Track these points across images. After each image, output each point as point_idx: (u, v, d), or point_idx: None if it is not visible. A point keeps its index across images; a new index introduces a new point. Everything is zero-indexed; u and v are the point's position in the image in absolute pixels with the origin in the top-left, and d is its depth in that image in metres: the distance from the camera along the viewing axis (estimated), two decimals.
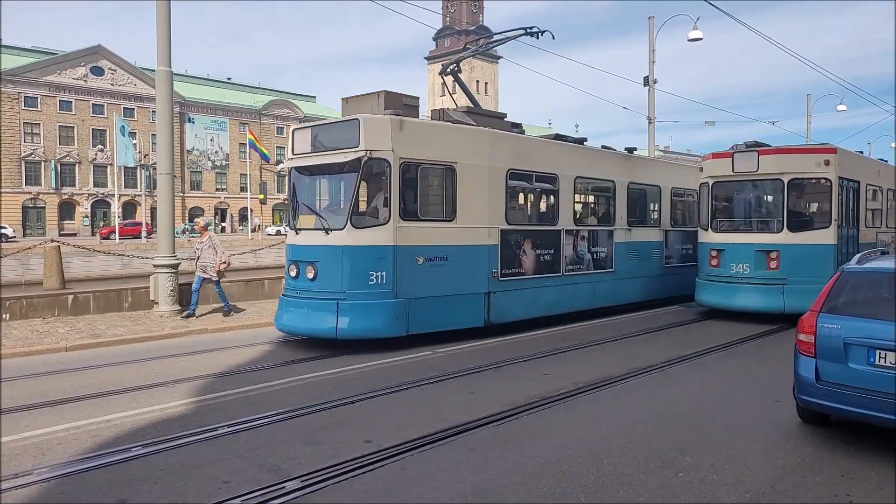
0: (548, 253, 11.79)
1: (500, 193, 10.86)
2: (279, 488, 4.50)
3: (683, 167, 17.36)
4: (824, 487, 4.64)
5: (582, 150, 13.19)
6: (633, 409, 6.57)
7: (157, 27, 11.42)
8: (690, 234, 15.50)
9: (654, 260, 14.69)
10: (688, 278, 14.97)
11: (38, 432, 5.69)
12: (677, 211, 15.84)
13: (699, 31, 22.23)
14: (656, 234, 14.88)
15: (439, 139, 10.07)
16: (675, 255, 15.43)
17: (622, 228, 13.63)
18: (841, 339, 5.36)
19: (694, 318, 13.33)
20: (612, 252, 13.33)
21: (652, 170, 15.34)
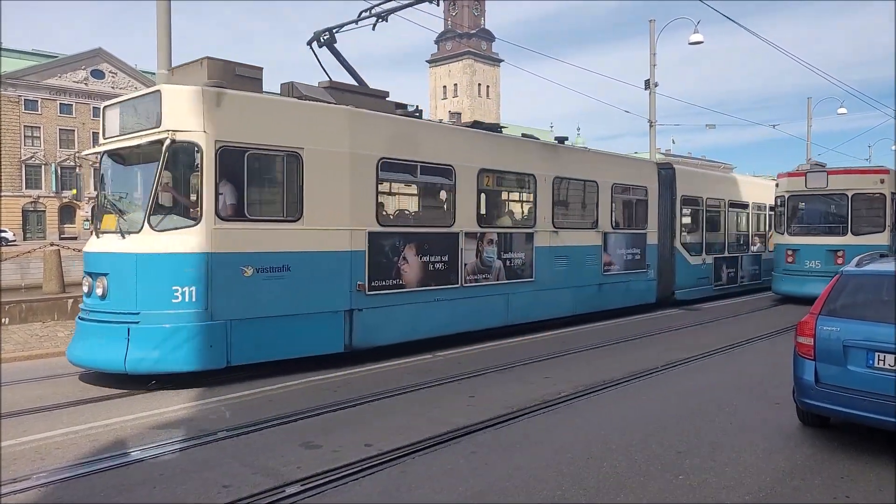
0: (441, 260, 9.82)
1: (369, 188, 8.90)
2: (279, 492, 4.50)
3: (628, 160, 16.04)
4: (824, 489, 4.63)
5: (490, 138, 11.18)
6: (634, 412, 6.57)
7: (158, 30, 11.45)
8: (638, 237, 14.23)
9: (589, 267, 12.78)
10: (635, 287, 14.05)
11: (37, 437, 5.69)
12: (620, 211, 14.22)
13: (700, 34, 22.23)
14: (593, 238, 12.92)
15: (277, 119, 8.09)
16: (618, 262, 13.65)
17: (545, 231, 11.73)
18: (840, 342, 5.36)
19: (690, 322, 13.31)
20: (533, 259, 11.48)
21: (587, 163, 13.24)
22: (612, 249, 13.41)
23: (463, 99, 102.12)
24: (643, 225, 14.36)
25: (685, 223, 16.54)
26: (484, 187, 10.79)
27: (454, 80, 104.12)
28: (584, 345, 10.38)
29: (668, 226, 15.29)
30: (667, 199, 15.22)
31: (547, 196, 11.85)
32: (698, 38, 22.29)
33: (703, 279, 16.48)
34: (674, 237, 15.42)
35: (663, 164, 16.05)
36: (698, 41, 22.36)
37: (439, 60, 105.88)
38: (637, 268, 14.13)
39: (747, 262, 18.59)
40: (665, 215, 15.13)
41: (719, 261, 17.15)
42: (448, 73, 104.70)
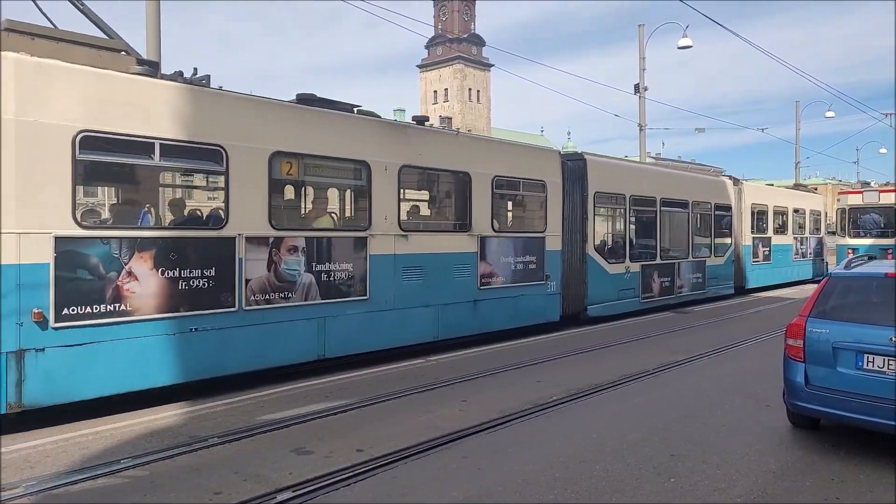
0: (203, 276, 7.18)
1: (57, 172, 6.26)
2: (270, 498, 4.48)
3: (517, 148, 12.39)
4: (815, 491, 4.66)
5: (291, 111, 8.31)
6: (625, 415, 6.59)
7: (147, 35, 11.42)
8: (533, 242, 11.63)
9: (459, 280, 10.21)
10: (529, 304, 11.49)
11: (26, 445, 5.63)
12: (506, 210, 12.02)
13: (689, 38, 22.41)
14: (464, 243, 10.36)
15: None
16: (503, 273, 11.00)
17: (388, 234, 9.15)
18: (829, 344, 5.40)
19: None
20: (367, 271, 8.85)
21: (455, 150, 10.47)
22: (494, 257, 10.79)
23: (454, 104, 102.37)
24: (540, 227, 11.82)
25: (601, 225, 14.65)
26: (283, 177, 8.27)
27: (445, 85, 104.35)
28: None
29: (578, 228, 12.81)
30: (575, 197, 12.77)
31: (390, 190, 9.20)
32: (687, 43, 22.48)
33: (626, 291, 14.00)
34: (585, 241, 12.86)
35: (571, 155, 13.59)
36: (687, 45, 22.55)
37: (430, 65, 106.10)
38: (531, 279, 11.50)
39: (687, 270, 16.23)
40: (573, 216, 12.71)
41: (649, 269, 14.72)
42: (439, 78, 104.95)
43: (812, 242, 23.73)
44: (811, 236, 23.64)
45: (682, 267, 15.99)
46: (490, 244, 10.77)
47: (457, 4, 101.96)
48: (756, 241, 19.68)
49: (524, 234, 11.71)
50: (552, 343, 10.98)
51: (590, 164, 13.17)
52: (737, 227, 18.64)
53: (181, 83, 7.34)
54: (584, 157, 13.27)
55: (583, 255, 12.87)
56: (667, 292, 15.40)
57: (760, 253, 19.96)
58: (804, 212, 23.12)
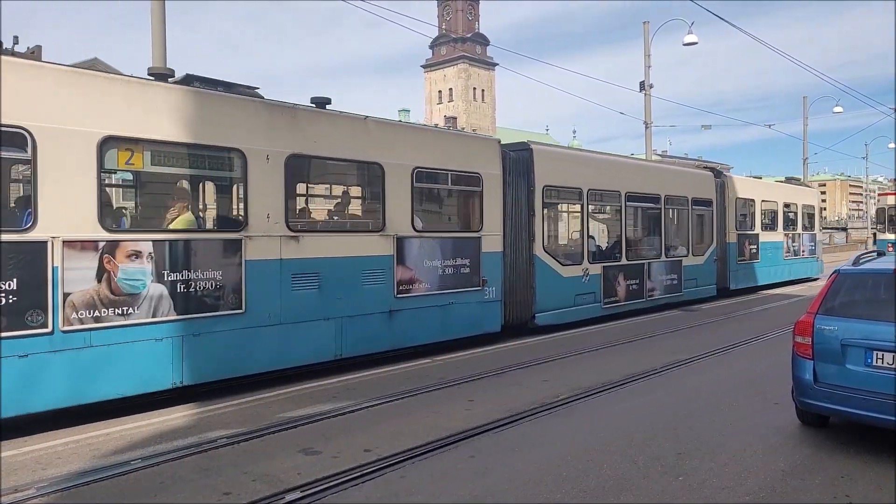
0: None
1: None
2: (279, 498, 4.50)
3: (444, 135, 11.05)
4: (824, 489, 4.65)
5: (127, 85, 6.90)
6: (632, 413, 6.58)
7: (153, 38, 11.47)
8: (467, 242, 10.26)
9: (369, 288, 8.84)
10: (462, 313, 10.09)
11: (38, 446, 5.69)
12: (432, 206, 10.59)
13: (694, 35, 22.34)
14: (376, 245, 8.97)
15: None
16: (428, 278, 9.61)
17: (271, 236, 7.78)
18: (838, 341, 5.38)
19: (683, 325, 13.32)
20: (243, 279, 7.47)
21: (361, 138, 8.89)
22: (416, 260, 9.42)
23: (459, 103, 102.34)
24: (475, 225, 10.46)
25: (554, 223, 13.41)
26: (121, 167, 7.03)
27: (449, 85, 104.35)
28: (570, 350, 10.38)
29: (524, 227, 11.36)
30: (520, 191, 11.34)
31: (273, 184, 7.84)
32: (692, 39, 22.41)
33: (585, 296, 12.57)
34: (532, 241, 11.46)
35: (515, 145, 11.93)
36: (692, 42, 22.48)
37: (434, 65, 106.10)
38: (464, 285, 10.10)
39: (659, 272, 14.75)
40: (517, 213, 11.25)
41: (613, 271, 13.31)
42: (443, 78, 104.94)
43: (805, 239, 22.29)
44: (804, 233, 22.18)
45: (653, 268, 14.54)
46: (410, 246, 9.36)
47: (461, 4, 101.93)
48: (742, 238, 18.15)
49: (455, 233, 10.38)
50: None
51: (537, 154, 11.72)
52: (719, 223, 17.25)
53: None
54: (529, 147, 11.78)
55: (529, 256, 11.44)
56: (635, 296, 13.97)
57: (747, 251, 18.46)
58: (796, 207, 21.67)
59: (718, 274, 17.16)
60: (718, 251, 17.13)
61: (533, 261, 11.48)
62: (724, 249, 17.48)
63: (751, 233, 18.68)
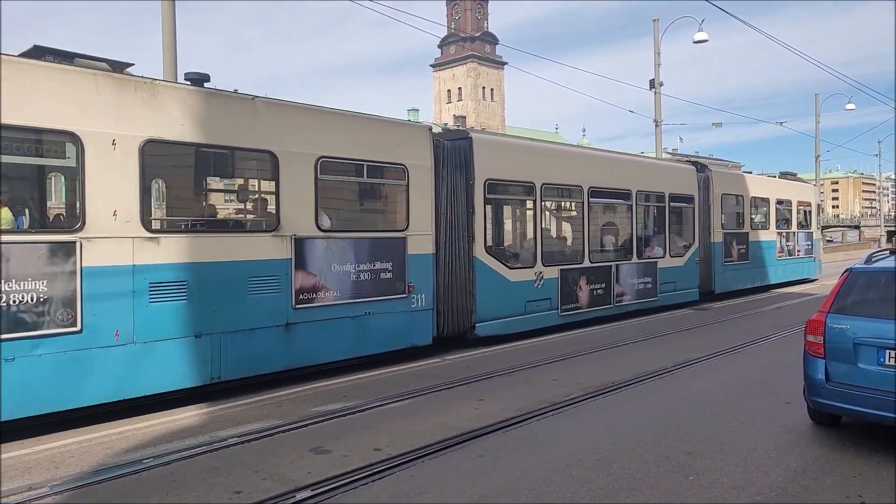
0: None
1: None
2: (290, 497, 4.53)
3: (357, 120, 9.00)
4: (836, 489, 4.61)
5: None
6: (642, 413, 6.56)
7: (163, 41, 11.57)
8: (388, 243, 9.02)
9: (259, 297, 7.57)
10: (381, 325, 8.85)
11: (50, 445, 5.75)
12: (345, 202, 9.50)
13: (704, 32, 22.22)
14: (268, 246, 7.69)
15: None
16: (337, 285, 8.34)
17: (122, 237, 6.56)
18: (850, 340, 5.34)
19: (706, 321, 13.25)
20: (77, 289, 6.22)
21: (246, 121, 7.62)
22: (322, 265, 8.16)
23: (468, 102, 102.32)
24: (400, 224, 9.28)
25: (500, 221, 12.34)
26: None
27: (458, 84, 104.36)
28: (589, 348, 10.36)
29: (462, 226, 10.09)
30: (457, 186, 10.08)
31: (122, 175, 6.58)
32: (703, 37, 22.29)
33: (538, 302, 11.34)
34: (472, 242, 10.21)
35: (452, 133, 10.93)
36: (703, 40, 22.36)
37: (443, 64, 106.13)
38: (386, 292, 8.88)
39: (630, 275, 13.46)
40: (454, 210, 10.00)
41: (573, 274, 12.04)
42: (452, 77, 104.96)
43: (801, 238, 20.85)
44: (800, 231, 20.72)
45: (622, 271, 13.24)
46: (313, 248, 8.08)
47: (469, 3, 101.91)
48: (729, 237, 16.84)
49: (374, 233, 9.12)
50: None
51: (477, 143, 10.39)
52: (702, 221, 15.96)
53: None
54: (468, 136, 10.48)
55: (469, 259, 10.19)
56: (600, 302, 12.69)
57: (734, 251, 17.08)
58: (790, 203, 20.24)
59: (702, 276, 15.86)
60: (701, 252, 15.86)
61: (473, 264, 10.24)
62: (708, 250, 16.21)
63: (739, 231, 17.46)
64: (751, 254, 17.71)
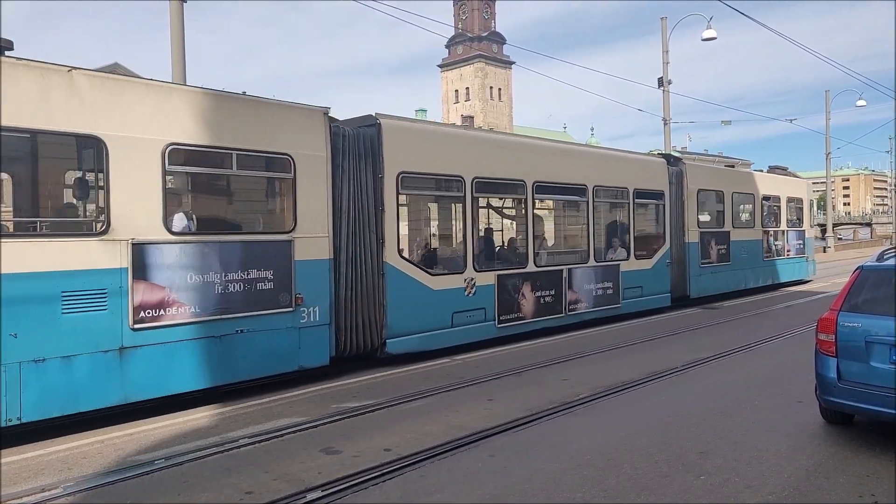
0: None
1: None
2: (300, 497, 4.55)
3: (220, 100, 7.39)
4: (849, 488, 4.58)
5: None
6: (653, 412, 6.54)
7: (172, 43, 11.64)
8: (266, 248, 7.63)
9: (75, 319, 6.18)
10: (261, 345, 7.48)
11: (63, 447, 5.80)
12: (208, 196, 8.43)
13: (713, 30, 22.12)
14: (89, 255, 6.31)
15: None
16: (195, 298, 6.98)
17: None
18: (862, 338, 5.30)
19: (714, 321, 13.19)
20: None
21: (52, 96, 6.16)
22: (173, 275, 6.83)
23: (475, 102, 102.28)
24: (285, 224, 7.97)
25: (417, 222, 11.28)
26: None
27: (466, 84, 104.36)
28: (600, 346, 10.33)
29: (369, 226, 8.72)
30: (362, 180, 8.67)
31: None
32: (711, 35, 22.20)
33: (468, 313, 9.94)
34: (382, 245, 8.82)
35: (356, 120, 9.32)
36: (711, 37, 22.27)
37: (451, 65, 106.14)
38: (266, 305, 7.54)
39: (586, 280, 12.05)
40: (358, 207, 8.61)
41: (513, 280, 10.67)
42: (460, 77, 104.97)
43: (791, 237, 19.34)
44: (790, 230, 19.21)
45: (575, 275, 11.81)
46: (160, 255, 6.72)
47: (476, 3, 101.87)
48: (706, 236, 15.50)
49: (247, 236, 7.71)
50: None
51: (388, 131, 8.96)
52: (675, 219, 14.58)
53: None
54: (377, 122, 8.95)
55: (378, 265, 8.80)
56: (549, 311, 11.26)
57: (713, 252, 15.68)
58: (778, 199, 18.74)
59: (674, 280, 14.44)
60: (674, 253, 14.42)
61: (383, 270, 8.84)
62: (681, 251, 14.77)
63: (718, 230, 16.03)
64: (733, 254, 16.38)
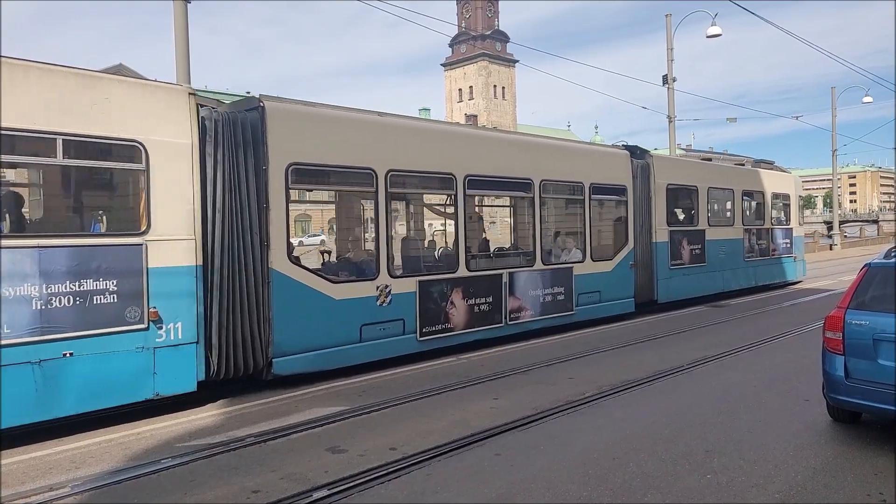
0: None
1: None
2: (307, 496, 4.56)
3: (20, 70, 5.90)
4: (856, 486, 4.57)
5: None
6: (659, 411, 6.53)
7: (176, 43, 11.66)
8: (103, 253, 6.30)
9: None
10: (93, 370, 6.17)
11: (71, 446, 5.82)
12: (26, 190, 7.39)
13: (718, 27, 22.04)
14: None
15: None
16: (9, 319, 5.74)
17: None
18: (870, 336, 5.28)
19: (724, 318, 13.17)
20: None
21: None
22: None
23: (479, 101, 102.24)
24: (135, 225, 6.82)
25: (318, 220, 9.57)
26: None
27: (469, 83, 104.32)
28: (607, 345, 10.31)
29: (250, 226, 7.46)
30: (241, 172, 7.42)
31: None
32: (716, 31, 22.12)
33: (381, 325, 8.72)
34: (267, 248, 7.60)
35: (236, 104, 8.15)
36: (716, 34, 22.19)
37: (454, 63, 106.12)
38: (106, 323, 6.27)
39: (532, 285, 10.78)
40: (236, 205, 7.36)
41: (439, 287, 9.42)
42: (463, 76, 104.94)
43: (777, 236, 18.13)
44: (775, 227, 18.03)
45: (518, 280, 10.58)
46: None
47: (480, 2, 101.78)
48: (678, 235, 14.30)
49: (79, 239, 6.35)
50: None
51: (273, 115, 7.69)
52: (640, 217, 13.30)
53: None
54: (260, 104, 7.65)
55: (262, 271, 7.57)
56: (484, 321, 10.00)
57: (685, 252, 14.49)
58: (762, 195, 17.57)
59: (640, 284, 13.22)
60: (639, 254, 13.19)
61: (269, 278, 7.59)
62: (647, 251, 13.57)
63: (691, 229, 14.82)
64: (708, 255, 15.18)
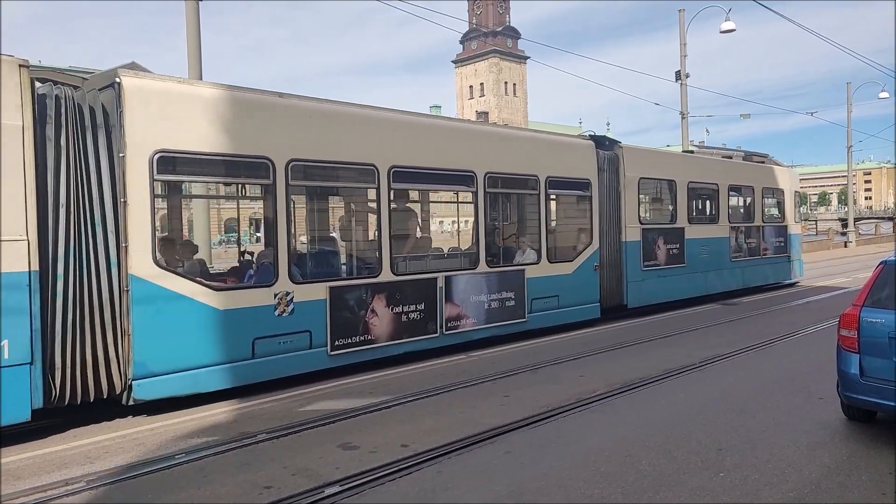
0: None
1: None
2: (319, 492, 4.58)
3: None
4: (871, 486, 4.52)
5: None
6: (671, 409, 6.50)
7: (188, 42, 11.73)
8: None
9: None
10: None
11: (85, 441, 5.89)
12: None
13: (731, 22, 21.85)
14: None
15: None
16: None
17: None
18: (886, 334, 5.23)
19: (732, 316, 13.09)
20: None
21: None
22: None
23: (490, 98, 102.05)
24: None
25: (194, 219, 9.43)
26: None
27: (480, 80, 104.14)
28: (616, 343, 10.27)
29: (103, 225, 6.31)
30: (92, 162, 6.28)
31: None
32: (730, 27, 21.94)
33: (280, 338, 7.54)
34: (124, 251, 6.40)
35: (94, 82, 6.82)
36: (730, 29, 22.00)
37: (465, 60, 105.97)
38: None
39: (475, 290, 9.68)
40: (86, 200, 6.23)
41: (356, 293, 8.28)
42: (474, 73, 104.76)
43: (769, 234, 16.93)
44: (767, 225, 16.84)
45: (456, 284, 9.41)
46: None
47: None
48: (652, 234, 13.13)
49: None
50: None
51: (132, 94, 6.48)
52: (606, 213, 12.11)
53: None
54: (117, 80, 6.43)
55: (119, 277, 6.41)
56: (415, 331, 8.89)
57: (661, 252, 13.29)
58: (751, 190, 16.36)
59: (607, 287, 12.11)
60: (605, 254, 12.05)
61: (128, 285, 6.39)
62: (615, 251, 12.39)
63: (669, 227, 13.67)
64: (688, 255, 13.98)
